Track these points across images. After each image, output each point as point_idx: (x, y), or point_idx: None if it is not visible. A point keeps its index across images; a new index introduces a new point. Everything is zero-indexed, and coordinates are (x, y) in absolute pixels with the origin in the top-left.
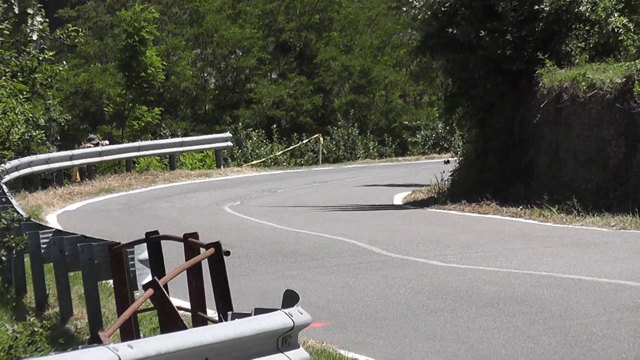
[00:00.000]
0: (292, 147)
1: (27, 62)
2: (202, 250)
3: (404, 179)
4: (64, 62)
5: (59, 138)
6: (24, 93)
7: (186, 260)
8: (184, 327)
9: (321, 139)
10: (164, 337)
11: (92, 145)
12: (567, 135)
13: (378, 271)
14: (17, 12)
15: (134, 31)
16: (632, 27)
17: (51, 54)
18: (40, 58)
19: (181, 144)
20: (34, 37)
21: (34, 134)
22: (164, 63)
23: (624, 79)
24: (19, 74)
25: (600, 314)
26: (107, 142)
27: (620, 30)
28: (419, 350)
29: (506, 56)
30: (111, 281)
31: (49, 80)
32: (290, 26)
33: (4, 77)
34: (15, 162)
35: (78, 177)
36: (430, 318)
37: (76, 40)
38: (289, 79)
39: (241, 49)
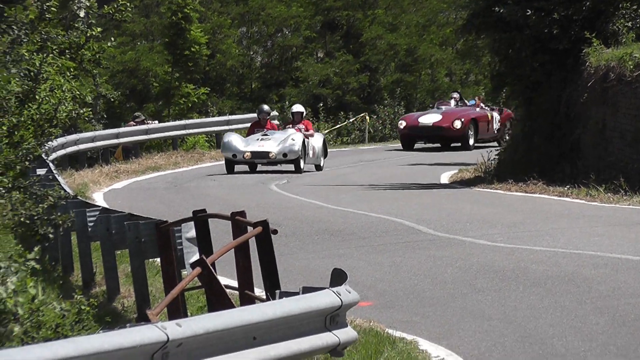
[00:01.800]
0: (338, 126)
1: (75, 39)
2: (250, 228)
3: (450, 158)
4: (112, 39)
5: (105, 116)
6: (72, 70)
7: (234, 238)
8: (231, 306)
9: (367, 117)
10: (212, 316)
11: (135, 124)
12: (613, 115)
13: (425, 250)
14: None
15: (179, 8)
16: None
17: (99, 30)
18: (88, 35)
19: (227, 123)
20: (81, 14)
21: (82, 111)
22: (209, 40)
23: None
24: (66, 50)
25: None
26: (156, 121)
27: None
28: (466, 330)
29: (553, 35)
30: (158, 260)
31: (97, 57)
32: (337, 4)
33: (51, 55)
34: (61, 140)
35: (121, 155)
36: (477, 297)
37: (125, 15)
38: (335, 58)
39: (288, 28)
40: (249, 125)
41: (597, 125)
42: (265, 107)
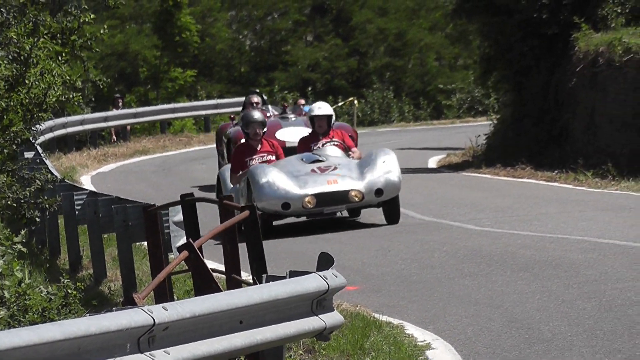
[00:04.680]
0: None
1: (67, 23)
2: (237, 212)
3: (439, 142)
4: (105, 26)
5: (93, 99)
6: (63, 55)
7: (221, 222)
8: (218, 290)
9: (356, 102)
10: (199, 300)
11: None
12: (602, 100)
13: (412, 235)
14: None
15: None
16: None
17: (92, 16)
18: (81, 20)
19: (216, 106)
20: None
21: (71, 96)
22: (199, 26)
23: None
24: (57, 35)
25: (635, 278)
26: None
27: None
28: (452, 314)
29: (542, 20)
30: (145, 243)
31: (89, 42)
32: None
33: (42, 39)
34: (49, 124)
35: (114, 137)
36: (464, 282)
37: (118, 2)
38: (324, 42)
39: (277, 11)
40: (238, 109)
41: (586, 110)
42: (257, 113)
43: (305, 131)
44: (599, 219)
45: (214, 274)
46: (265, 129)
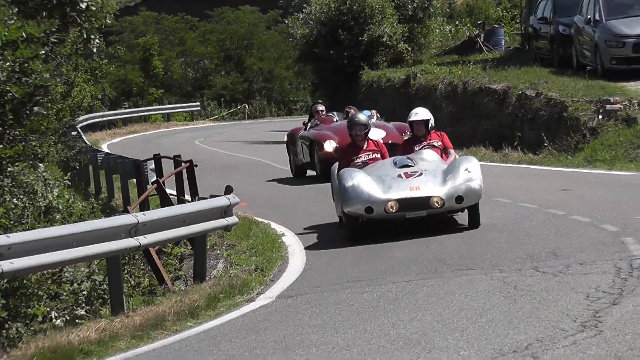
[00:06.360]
0: (231, 110)
1: (94, 64)
2: (182, 164)
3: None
4: (113, 66)
5: (109, 104)
6: (90, 81)
7: (174, 169)
8: (172, 204)
9: (247, 106)
10: (161, 210)
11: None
12: (376, 107)
13: (279, 177)
14: (85, 37)
15: (146, 48)
16: (410, 49)
17: (105, 61)
18: (101, 63)
19: (173, 108)
20: (95, 50)
21: (95, 102)
22: (162, 65)
23: (405, 76)
24: (88, 70)
25: None
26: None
27: (404, 50)
28: (299, 221)
29: (344, 64)
30: (135, 180)
31: (105, 74)
32: (232, 47)
33: (80, 73)
34: (84, 117)
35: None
36: (311, 204)
37: (119, 54)
38: (230, 74)
39: (206, 58)
40: (185, 109)
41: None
42: (362, 116)
43: (379, 132)
44: None
45: (171, 197)
46: (367, 129)
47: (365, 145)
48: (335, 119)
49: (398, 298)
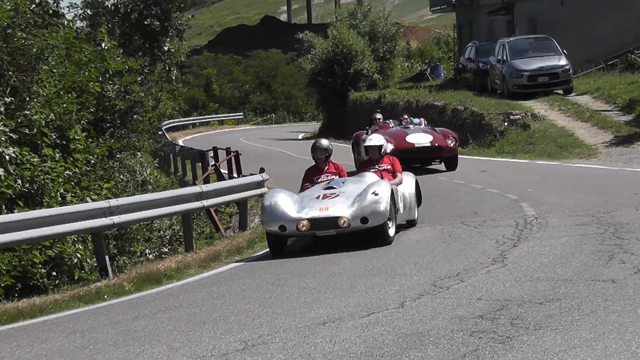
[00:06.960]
0: (263, 118)
1: (173, 87)
2: (232, 153)
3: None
4: (185, 89)
5: (183, 113)
6: (171, 98)
7: (226, 156)
8: (224, 180)
9: (274, 115)
10: (217, 183)
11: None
12: (354, 118)
13: (294, 162)
14: (167, 69)
15: (207, 77)
16: (381, 78)
17: (180, 85)
18: (178, 86)
19: (225, 116)
20: (174, 78)
21: (174, 112)
22: (218, 89)
23: (378, 96)
24: (169, 91)
25: None
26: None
27: (377, 79)
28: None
29: (338, 88)
30: (200, 163)
31: (180, 94)
32: (264, 75)
33: (164, 93)
34: (167, 122)
35: (191, 126)
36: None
37: (190, 80)
38: (260, 94)
39: (246, 83)
40: (234, 117)
41: (357, 121)
42: (324, 141)
43: (427, 136)
44: None
45: (224, 174)
46: (327, 154)
47: (326, 167)
48: (391, 125)
49: (372, 241)
